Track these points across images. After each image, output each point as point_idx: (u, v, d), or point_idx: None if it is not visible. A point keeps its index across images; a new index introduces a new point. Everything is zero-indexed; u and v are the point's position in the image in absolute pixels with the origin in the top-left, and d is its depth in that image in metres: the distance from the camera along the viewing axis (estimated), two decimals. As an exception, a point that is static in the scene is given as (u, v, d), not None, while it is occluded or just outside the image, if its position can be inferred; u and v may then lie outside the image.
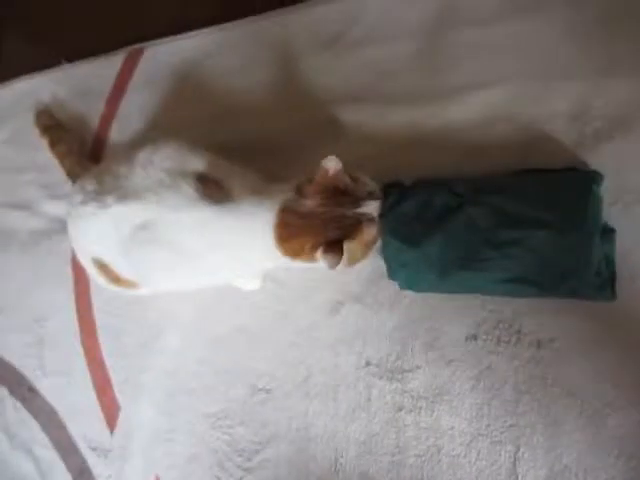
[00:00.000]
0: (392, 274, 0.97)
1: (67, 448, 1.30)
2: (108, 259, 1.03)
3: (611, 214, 0.90)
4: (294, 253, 0.93)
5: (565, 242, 0.85)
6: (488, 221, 0.90)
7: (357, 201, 0.92)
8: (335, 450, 1.02)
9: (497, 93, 1.04)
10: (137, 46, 1.40)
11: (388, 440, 0.98)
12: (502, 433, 0.91)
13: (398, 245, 0.94)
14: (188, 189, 0.95)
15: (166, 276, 1.04)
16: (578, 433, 0.87)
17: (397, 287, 0.99)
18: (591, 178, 0.90)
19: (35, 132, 1.43)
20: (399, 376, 0.99)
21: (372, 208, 0.93)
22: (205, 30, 1.34)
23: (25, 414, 1.36)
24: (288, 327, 1.10)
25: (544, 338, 0.92)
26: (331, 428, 1.03)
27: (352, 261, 0.92)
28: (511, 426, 0.91)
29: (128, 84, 1.38)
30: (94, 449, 1.26)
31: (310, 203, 0.90)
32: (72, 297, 1.33)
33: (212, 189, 0.96)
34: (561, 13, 1.01)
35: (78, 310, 1.32)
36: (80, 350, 1.31)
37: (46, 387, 1.35)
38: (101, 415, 1.26)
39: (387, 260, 0.96)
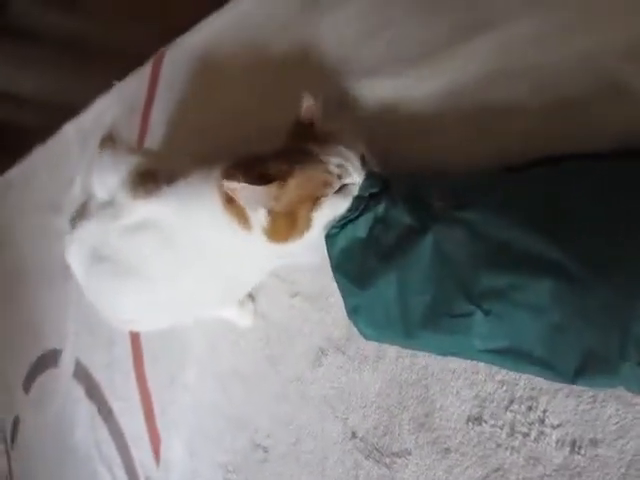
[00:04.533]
0: (350, 319, 0.69)
1: (132, 472, 1.31)
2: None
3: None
4: (240, 215, 0.69)
5: (587, 301, 0.49)
6: (464, 254, 0.57)
7: (330, 151, 0.66)
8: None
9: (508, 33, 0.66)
10: (159, 52, 1.30)
11: (378, 542, 0.73)
12: None
13: (347, 285, 0.66)
14: (123, 193, 0.80)
15: (128, 301, 0.85)
16: None
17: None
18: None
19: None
20: (387, 460, 0.72)
21: (350, 174, 0.66)
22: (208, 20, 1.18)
23: (107, 433, 1.42)
24: (277, 376, 0.90)
25: (582, 436, 0.56)
26: (322, 509, 0.81)
27: (276, 225, 0.67)
28: None
29: (155, 94, 1.30)
30: (147, 478, 1.25)
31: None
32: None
33: (156, 182, 0.79)
34: None
35: (131, 336, 1.31)
36: (133, 377, 1.30)
37: (117, 409, 1.38)
38: (149, 445, 1.23)
39: (344, 300, 0.69)
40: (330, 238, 0.68)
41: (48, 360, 1.86)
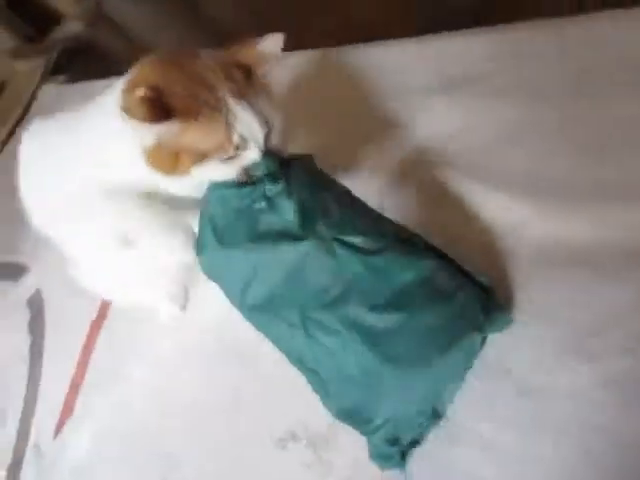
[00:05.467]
0: (196, 252, 0.71)
1: (25, 430, 1.18)
2: None
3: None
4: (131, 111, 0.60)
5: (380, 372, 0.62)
6: (320, 279, 0.63)
7: (242, 114, 0.62)
8: None
9: None
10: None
11: None
12: None
13: (208, 234, 0.67)
14: None
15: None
16: None
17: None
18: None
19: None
20: None
21: (247, 149, 0.64)
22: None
23: (26, 372, 1.30)
24: (227, 432, 0.81)
25: None
26: None
27: (157, 154, 0.62)
28: None
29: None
30: (36, 445, 1.12)
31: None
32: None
33: None
34: None
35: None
36: (84, 337, 1.19)
37: (48, 357, 1.27)
38: (58, 413, 1.11)
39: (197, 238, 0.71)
40: (214, 185, 0.67)
41: (8, 270, 1.75)
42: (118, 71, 0.67)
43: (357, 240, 0.63)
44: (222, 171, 0.64)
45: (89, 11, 3.16)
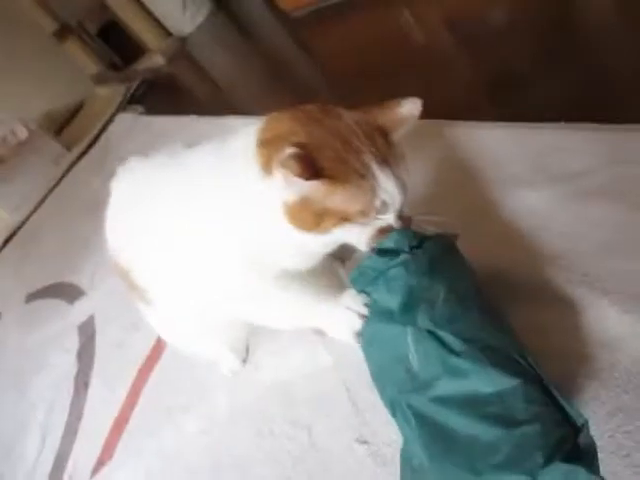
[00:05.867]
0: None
1: (61, 461, 1.18)
2: None
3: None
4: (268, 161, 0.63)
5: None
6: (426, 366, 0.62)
7: (384, 179, 0.63)
8: None
9: None
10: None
11: None
12: None
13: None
14: None
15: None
16: None
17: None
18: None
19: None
20: None
21: (387, 215, 0.65)
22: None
23: (69, 402, 1.31)
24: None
25: None
26: None
27: (300, 211, 0.63)
28: None
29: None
30: (70, 478, 1.12)
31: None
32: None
33: None
34: None
35: (158, 339, 1.21)
36: (132, 376, 1.19)
37: (93, 391, 1.28)
38: (97, 453, 1.10)
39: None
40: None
41: (65, 290, 1.79)
42: (193, 108, 0.68)
43: (448, 338, 0.62)
44: (358, 233, 0.66)
45: (173, 48, 3.34)
